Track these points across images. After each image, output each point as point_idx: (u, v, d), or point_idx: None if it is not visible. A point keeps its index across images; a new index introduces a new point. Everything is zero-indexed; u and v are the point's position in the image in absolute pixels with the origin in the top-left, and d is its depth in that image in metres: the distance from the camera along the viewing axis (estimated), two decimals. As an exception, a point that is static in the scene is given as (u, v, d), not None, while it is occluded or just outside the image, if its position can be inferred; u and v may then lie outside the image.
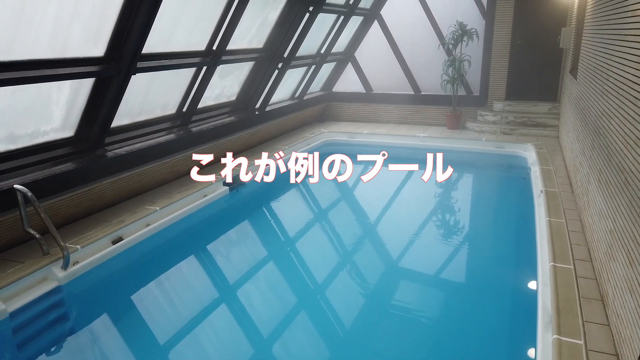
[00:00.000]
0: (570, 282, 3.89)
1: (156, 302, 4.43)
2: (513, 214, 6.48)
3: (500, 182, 8.37)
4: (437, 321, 4.14)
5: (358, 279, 5.02)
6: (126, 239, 4.99)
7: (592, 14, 6.19)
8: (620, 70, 3.97)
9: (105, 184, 5.35)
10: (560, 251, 4.41)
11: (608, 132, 4.17)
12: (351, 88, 11.54)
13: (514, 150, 8.83)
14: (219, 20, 6.26)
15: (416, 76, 10.98)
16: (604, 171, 4.15)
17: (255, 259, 5.47)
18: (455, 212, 6.88)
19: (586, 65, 6.20)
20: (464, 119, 10.37)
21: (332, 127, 10.75)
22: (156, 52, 5.57)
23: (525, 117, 9.78)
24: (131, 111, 5.92)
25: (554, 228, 4.95)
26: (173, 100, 6.60)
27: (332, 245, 5.95)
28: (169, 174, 6.49)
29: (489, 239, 5.84)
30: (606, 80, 4.57)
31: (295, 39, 8.06)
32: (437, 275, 4.93)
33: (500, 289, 4.50)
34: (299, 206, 7.31)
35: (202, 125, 7.07)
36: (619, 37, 4.16)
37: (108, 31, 4.80)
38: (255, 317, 4.23)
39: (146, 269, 4.96)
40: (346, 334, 4.00)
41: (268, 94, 8.49)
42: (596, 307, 3.56)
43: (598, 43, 5.35)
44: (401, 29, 10.82)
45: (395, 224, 6.33)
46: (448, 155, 9.21)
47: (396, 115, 11.10)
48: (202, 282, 4.92)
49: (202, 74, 6.54)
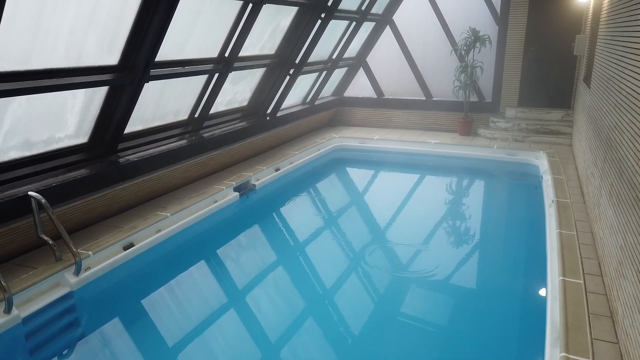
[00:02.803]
0: (580, 297, 3.87)
1: (167, 308, 4.48)
2: (524, 224, 6.44)
3: (512, 191, 8.32)
4: (445, 332, 4.14)
5: (366, 285, 5.04)
6: (137, 245, 5.06)
7: (605, 23, 6.13)
8: (633, 84, 3.93)
9: (117, 189, 5.43)
10: (570, 265, 4.38)
11: (620, 147, 4.14)
12: (362, 93, 11.55)
13: (526, 158, 8.76)
14: (231, 28, 6.32)
15: (428, 82, 10.95)
16: (615, 185, 4.11)
17: (265, 264, 5.51)
18: (465, 221, 6.86)
19: (600, 75, 6.14)
20: (476, 126, 10.31)
21: (343, 132, 10.76)
22: (169, 60, 5.65)
23: (537, 124, 9.70)
24: (144, 117, 6.00)
25: (565, 240, 4.92)
26: (185, 106, 6.68)
27: (341, 250, 5.96)
28: (180, 179, 6.56)
29: (499, 249, 5.81)
30: (619, 93, 4.53)
31: (307, 46, 8.10)
32: (445, 284, 4.92)
33: (509, 302, 4.47)
34: (310, 211, 7.33)
35: (213, 130, 7.13)
36: (632, 51, 4.13)
37: (122, 40, 4.87)
38: (265, 323, 4.27)
39: (157, 274, 5.02)
40: (354, 340, 4.04)
41: (279, 99, 8.54)
42: (606, 325, 3.54)
43: (611, 53, 5.30)
44: (413, 35, 10.80)
45: (404, 231, 6.31)
46: (459, 163, 9.26)
47: (407, 121, 11.08)
48: (212, 287, 4.97)
49: (214, 80, 6.61)
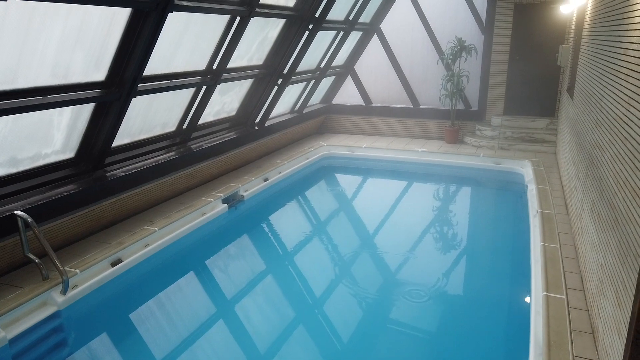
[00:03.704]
0: (562, 313, 3.95)
1: (157, 324, 4.49)
2: (509, 235, 6.54)
3: (497, 200, 8.43)
4: (430, 347, 4.20)
5: (353, 295, 5.10)
6: (125, 261, 5.05)
7: (588, 36, 6.26)
8: (612, 104, 4.03)
9: (104, 205, 5.42)
10: (553, 280, 4.47)
11: (601, 165, 4.23)
12: (350, 101, 11.62)
13: (511, 167, 8.89)
14: (219, 41, 6.34)
15: (415, 90, 11.05)
16: (597, 203, 4.21)
17: (255, 275, 5.54)
18: (451, 232, 6.94)
19: (582, 89, 6.27)
20: (463, 134, 10.43)
21: (331, 140, 10.81)
22: (157, 74, 5.65)
23: (523, 133, 9.85)
24: (131, 130, 5.99)
25: (548, 254, 5.01)
26: (173, 118, 6.67)
27: (330, 259, 6.01)
28: (168, 192, 6.55)
29: (484, 261, 5.89)
30: (600, 111, 4.63)
31: (295, 56, 8.14)
32: (430, 298, 4.97)
33: (494, 317, 4.55)
34: (299, 221, 7.37)
35: (201, 142, 7.14)
36: (611, 71, 4.23)
37: (110, 56, 4.87)
38: (256, 335, 4.32)
39: (146, 290, 5.01)
40: (343, 348, 4.12)
41: (268, 109, 8.56)
42: (587, 341, 3.62)
43: (593, 69, 5.42)
44: (401, 43, 10.90)
45: (391, 241, 6.37)
46: (446, 171, 9.36)
47: (395, 128, 11.17)
48: (203, 302, 4.98)
49: (202, 92, 6.61)
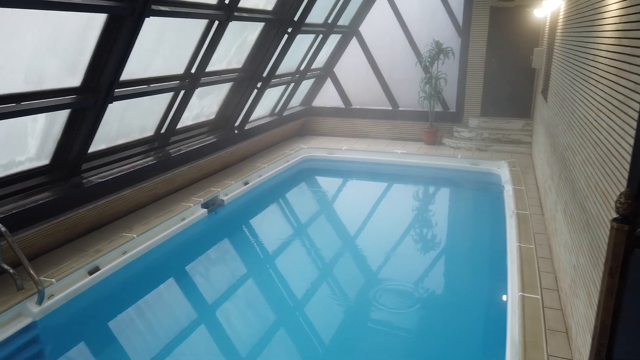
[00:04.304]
0: (537, 313, 4.05)
1: (137, 333, 4.44)
2: (486, 235, 6.66)
3: (475, 201, 8.57)
4: (409, 348, 4.25)
5: (334, 296, 5.14)
6: (103, 269, 4.98)
7: (560, 40, 6.42)
8: (583, 108, 4.15)
9: (81, 212, 5.33)
10: (529, 280, 4.58)
11: (573, 167, 4.35)
12: (330, 103, 11.66)
13: (488, 168, 9.05)
14: (197, 45, 6.29)
15: (394, 92, 11.16)
16: (569, 204, 4.32)
17: (236, 280, 5.53)
18: (430, 233, 7.03)
19: (555, 92, 6.42)
20: (441, 135, 10.57)
21: (311, 142, 10.84)
22: (134, 79, 5.58)
23: (499, 134, 10.03)
24: (108, 135, 5.90)
25: (524, 254, 5.12)
26: (151, 123, 6.60)
27: (312, 261, 6.04)
28: (146, 198, 6.48)
29: (462, 262, 5.99)
30: (572, 114, 4.76)
31: (274, 59, 8.13)
32: (409, 298, 5.04)
33: (471, 317, 4.63)
34: (280, 224, 7.37)
35: (180, 146, 7.08)
36: (583, 76, 4.35)
37: (85, 62, 4.79)
38: (238, 341, 4.33)
39: (125, 298, 4.95)
40: (325, 350, 4.16)
41: (247, 112, 8.54)
42: (561, 341, 3.72)
43: (565, 73, 5.56)
44: (379, 46, 10.99)
45: (369, 245, 6.41)
46: (425, 172, 9.48)
47: (375, 130, 11.26)
48: (183, 309, 4.93)
49: (180, 96, 6.56)
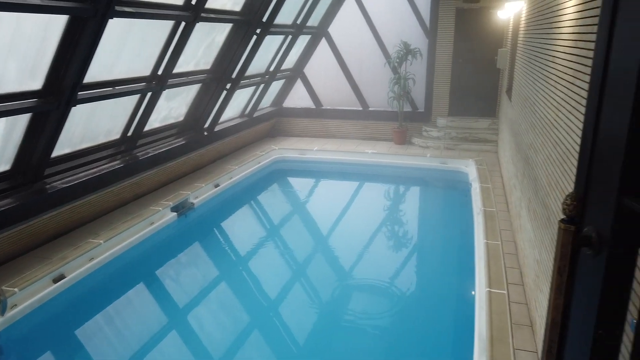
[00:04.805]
0: (504, 308, 4.16)
1: (106, 341, 4.35)
2: (455, 233, 6.79)
3: (444, 199, 8.74)
4: (380, 344, 4.31)
5: (306, 296, 5.17)
6: (69, 276, 4.85)
7: (523, 42, 6.61)
8: (544, 108, 4.29)
9: (45, 218, 5.18)
10: (495, 276, 4.70)
11: (535, 165, 4.49)
12: (301, 103, 11.67)
13: (456, 166, 9.23)
14: (163, 46, 6.20)
15: (364, 92, 11.25)
16: (532, 201, 4.46)
17: (208, 284, 5.47)
18: (401, 231, 7.13)
19: (518, 91, 6.61)
20: (410, 135, 10.72)
21: (282, 143, 10.82)
22: (98, 81, 5.46)
23: (467, 133, 10.24)
24: (72, 139, 5.76)
25: (491, 251, 5.26)
26: (117, 126, 6.46)
27: (284, 262, 6.04)
28: (114, 202, 6.35)
29: (432, 259, 6.10)
30: (534, 114, 4.91)
31: (243, 60, 8.09)
32: (380, 295, 5.12)
33: (441, 314, 4.73)
34: (251, 226, 7.34)
35: (148, 149, 6.96)
36: (543, 77, 4.50)
37: (46, 64, 4.66)
38: (212, 346, 4.28)
39: (93, 306, 4.82)
40: (299, 350, 4.18)
41: (217, 113, 8.46)
42: (526, 334, 3.83)
43: (528, 73, 5.73)
44: (349, 47, 11.06)
45: (341, 244, 6.47)
46: (395, 172, 9.60)
47: (346, 131, 11.33)
48: (154, 315, 4.85)
49: (147, 98, 6.45)
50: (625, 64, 1.14)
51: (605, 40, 1.22)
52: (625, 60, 1.15)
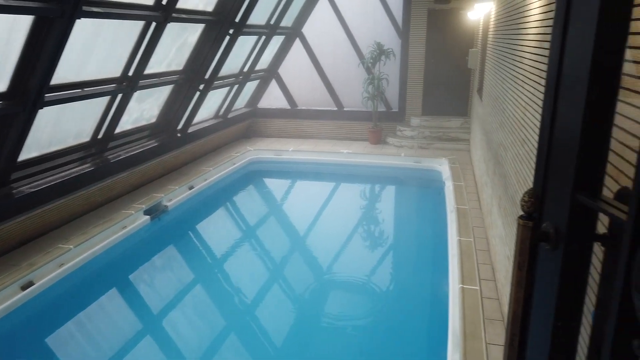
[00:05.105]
0: (476, 303, 4.24)
1: (78, 349, 4.25)
2: (429, 230, 6.89)
3: (419, 198, 8.85)
4: (357, 340, 4.34)
5: (284, 296, 5.17)
6: (38, 283, 4.73)
7: (492, 41, 6.75)
8: (513, 107, 4.39)
9: (12, 224, 5.04)
10: (468, 272, 4.79)
11: (505, 163, 4.59)
12: (276, 104, 11.64)
13: (430, 165, 9.36)
14: (134, 47, 6.10)
15: (339, 92, 11.30)
16: (503, 198, 4.56)
17: (183, 287, 5.40)
18: (375, 231, 7.19)
19: (489, 91, 6.75)
20: (385, 134, 10.82)
21: (258, 144, 10.78)
22: (66, 83, 5.34)
23: (440, 132, 10.40)
24: (40, 142, 5.61)
25: (464, 248, 5.35)
26: (87, 128, 6.33)
27: (260, 265, 6.01)
28: (84, 206, 6.22)
29: (407, 257, 6.17)
30: (503, 112, 5.02)
31: (216, 61, 8.02)
32: (356, 293, 5.15)
33: (416, 311, 4.79)
34: (227, 228, 7.29)
35: (119, 151, 6.84)
36: (511, 77, 4.61)
37: (11, 66, 4.54)
38: (187, 351, 4.22)
39: (63, 313, 4.72)
40: (277, 352, 4.18)
41: (190, 115, 8.37)
42: (498, 328, 3.92)
43: (497, 73, 5.85)
44: (323, 47, 11.10)
45: (317, 244, 6.49)
46: (371, 171, 9.67)
47: (321, 131, 11.35)
48: (128, 321, 4.77)
49: (117, 100, 6.34)
50: (578, 64, 1.18)
51: (559, 41, 1.26)
52: (577, 60, 1.19)
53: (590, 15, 1.17)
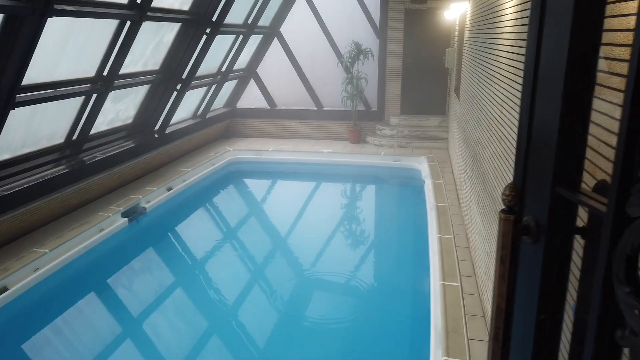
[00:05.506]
0: (457, 300, 4.29)
1: (55, 356, 4.15)
2: (410, 228, 6.95)
3: (399, 196, 8.92)
4: (340, 338, 4.34)
5: (265, 297, 5.14)
6: (12, 289, 4.60)
7: (468, 41, 6.84)
8: (489, 105, 4.46)
9: (-17, 229, 4.89)
10: (449, 269, 4.84)
11: (483, 160, 4.65)
12: (255, 104, 11.57)
13: (409, 164, 9.43)
14: (109, 46, 5.99)
15: (318, 92, 11.29)
16: (481, 195, 4.62)
17: (162, 290, 5.32)
18: (357, 229, 7.21)
19: (465, 90, 6.83)
20: (364, 134, 10.86)
21: (237, 144, 10.70)
22: (39, 83, 5.21)
23: (418, 131, 10.48)
24: (12, 145, 5.46)
25: (444, 245, 5.41)
26: (61, 129, 6.18)
27: (241, 266, 5.97)
28: (59, 209, 6.07)
29: (388, 255, 6.21)
30: (480, 110, 5.09)
31: (193, 60, 7.93)
32: (339, 292, 5.16)
33: (398, 308, 4.82)
34: (207, 229, 7.21)
35: (95, 153, 6.70)
36: (487, 75, 4.67)
37: (-21, 65, 4.40)
38: (168, 354, 4.15)
39: (38, 319, 4.59)
40: (260, 353, 4.15)
41: (167, 115, 8.25)
42: (479, 324, 3.97)
43: (473, 72, 5.93)
44: (301, 47, 11.08)
45: (299, 244, 6.47)
46: (351, 170, 9.70)
47: (301, 131, 11.33)
48: (107, 325, 4.66)
49: (92, 100, 6.21)
50: (554, 60, 1.20)
51: (535, 38, 1.28)
52: (554, 57, 1.21)
53: (565, 12, 1.19)
